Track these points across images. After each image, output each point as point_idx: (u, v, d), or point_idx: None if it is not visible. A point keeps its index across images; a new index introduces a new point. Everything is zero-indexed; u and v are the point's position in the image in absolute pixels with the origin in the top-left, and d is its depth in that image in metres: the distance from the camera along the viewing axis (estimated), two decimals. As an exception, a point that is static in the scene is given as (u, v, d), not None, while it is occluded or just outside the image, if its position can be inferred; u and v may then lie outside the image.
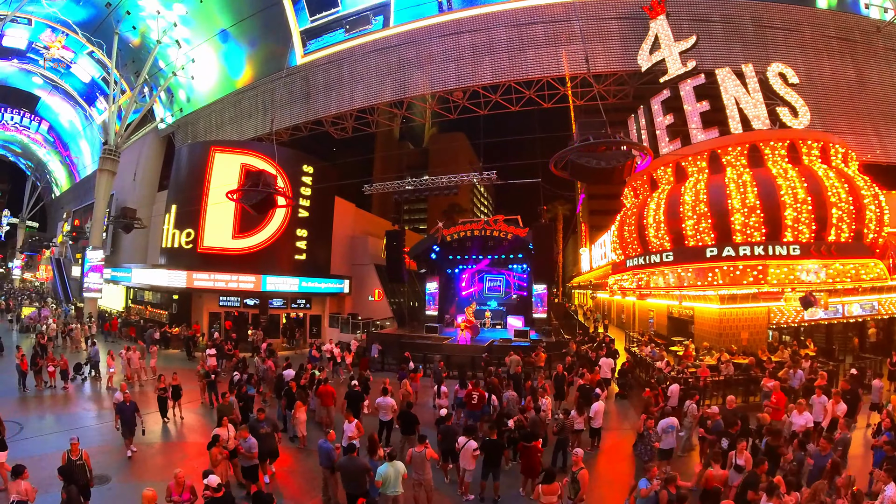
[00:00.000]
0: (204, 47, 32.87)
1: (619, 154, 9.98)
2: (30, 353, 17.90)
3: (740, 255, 17.27)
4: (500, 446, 9.86)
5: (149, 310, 33.67)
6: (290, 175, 28.62)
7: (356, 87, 28.51)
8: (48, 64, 41.48)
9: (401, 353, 20.11)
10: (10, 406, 14.80)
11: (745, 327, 20.70)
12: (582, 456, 8.44)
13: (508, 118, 27.28)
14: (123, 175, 37.25)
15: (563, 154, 10.22)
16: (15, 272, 76.62)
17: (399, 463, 8.24)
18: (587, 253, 47.51)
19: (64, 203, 62.52)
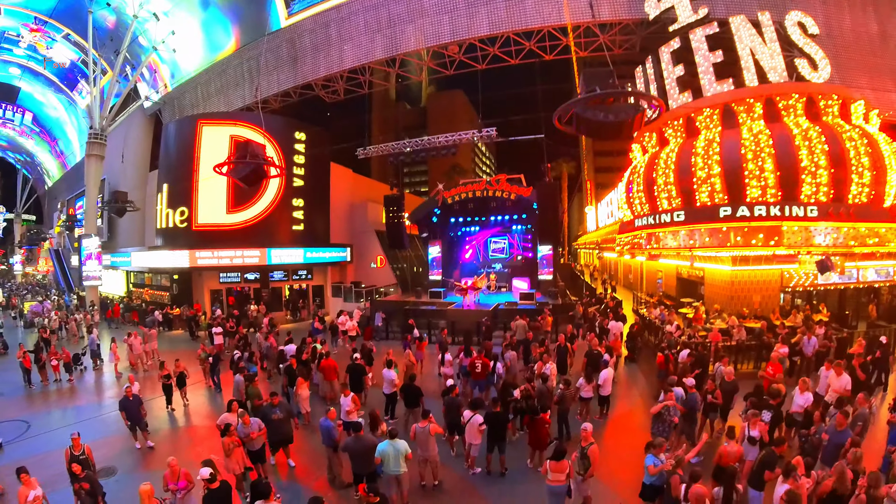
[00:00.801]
0: (183, 17, 31.41)
1: (627, 107, 9.41)
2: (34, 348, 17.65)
3: (755, 215, 16.56)
4: (504, 419, 9.44)
5: (149, 293, 33.06)
6: (281, 143, 27.81)
7: (345, 48, 27.34)
8: (24, 52, 39.94)
9: (405, 320, 19.75)
10: (17, 404, 14.80)
11: (757, 290, 19.90)
12: (591, 431, 7.91)
13: (508, 72, 26.26)
14: (113, 158, 36.05)
15: (568, 107, 9.61)
16: (16, 267, 75.93)
17: (400, 442, 7.83)
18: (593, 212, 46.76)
19: (57, 193, 61.52)
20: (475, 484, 9.07)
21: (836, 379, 10.13)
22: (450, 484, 9.04)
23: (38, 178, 73.55)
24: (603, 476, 8.57)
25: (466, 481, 9.19)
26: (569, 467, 7.39)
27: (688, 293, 24.60)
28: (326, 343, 17.30)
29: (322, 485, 9.21)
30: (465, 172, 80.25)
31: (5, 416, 13.45)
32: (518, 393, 10.52)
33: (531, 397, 10.12)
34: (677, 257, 22.64)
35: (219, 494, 6.70)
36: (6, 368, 18.78)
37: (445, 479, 9.08)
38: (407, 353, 14.54)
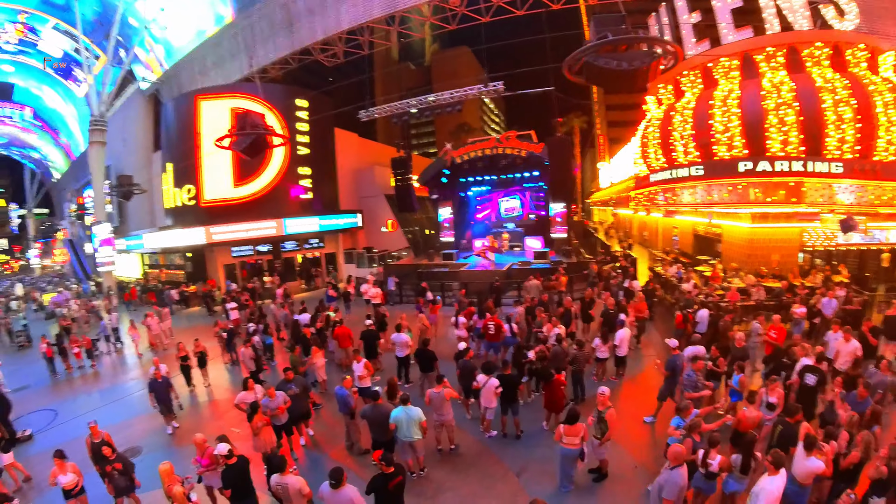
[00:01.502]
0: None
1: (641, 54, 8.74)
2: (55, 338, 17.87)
3: (776, 170, 15.96)
4: (515, 381, 9.31)
5: (165, 272, 33.16)
6: (283, 112, 27.37)
7: (342, 8, 26.28)
8: (15, 48, 39.32)
9: (418, 283, 19.51)
10: (43, 394, 14.99)
11: (776, 248, 19.23)
12: (608, 395, 7.72)
13: (514, 24, 25.03)
14: (115, 143, 35.76)
15: (578, 55, 8.95)
16: (34, 261, 77.07)
17: (414, 409, 7.75)
18: (606, 167, 45.78)
19: (65, 184, 61.61)
20: (491, 447, 9.04)
21: (845, 344, 9.73)
22: (465, 447, 9.02)
23: (44, 171, 73.68)
24: (618, 438, 8.41)
25: (482, 444, 9.17)
26: (583, 430, 7.24)
27: (704, 251, 24.06)
28: (340, 310, 17.06)
29: (340, 452, 9.24)
30: (473, 131, 78.99)
31: (33, 407, 13.63)
32: (533, 354, 10.28)
33: (546, 359, 9.89)
34: (694, 214, 22.00)
35: (237, 469, 6.70)
36: (31, 360, 19.03)
37: (461, 443, 9.07)
38: (420, 316, 14.36)
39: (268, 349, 14.82)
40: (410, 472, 7.99)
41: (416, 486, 7.81)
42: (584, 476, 7.82)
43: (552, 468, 7.78)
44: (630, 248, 30.09)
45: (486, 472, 8.28)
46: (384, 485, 6.03)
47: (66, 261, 57.55)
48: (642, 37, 9.00)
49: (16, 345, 21.94)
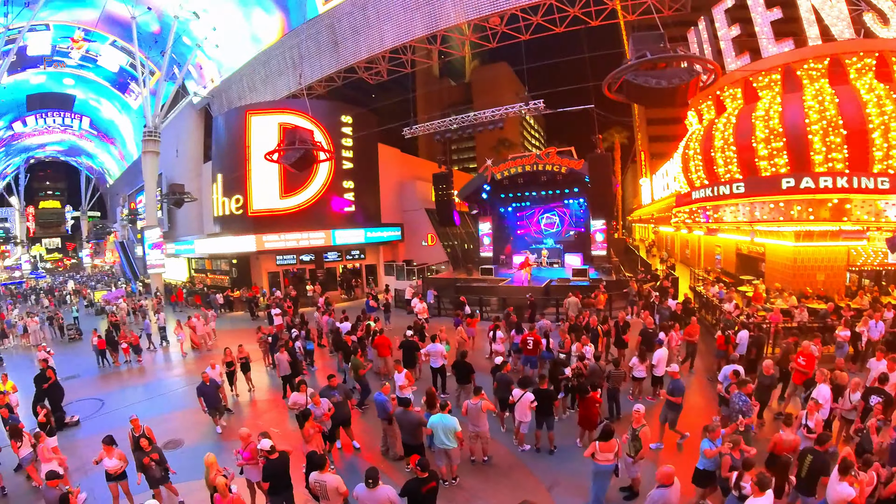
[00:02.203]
0: (223, 13, 31.99)
1: (680, 71, 8.89)
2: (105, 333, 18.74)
3: (820, 186, 15.41)
4: (551, 396, 9.33)
5: (210, 277, 34.54)
6: (328, 127, 28.26)
7: (384, 28, 27.10)
8: (76, 62, 42.10)
9: (457, 297, 19.68)
10: (92, 384, 15.80)
11: (821, 268, 18.70)
12: (643, 412, 7.69)
13: (553, 41, 25.32)
14: (168, 153, 37.83)
15: (617, 74, 9.13)
16: (85, 260, 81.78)
17: (450, 417, 7.90)
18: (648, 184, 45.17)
19: (118, 189, 64.80)
20: (524, 460, 9.11)
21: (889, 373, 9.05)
22: (499, 459, 9.11)
23: (99, 177, 78.08)
24: (653, 457, 8.38)
25: (515, 457, 9.25)
26: (617, 447, 7.24)
27: (748, 270, 23.57)
28: (380, 320, 17.49)
29: (375, 456, 9.48)
30: (513, 147, 78.88)
31: (82, 395, 14.36)
32: (569, 371, 10.38)
33: (582, 375, 9.93)
34: (737, 232, 21.59)
35: (278, 464, 6.99)
36: (81, 352, 20.17)
37: (495, 455, 9.16)
38: (458, 329, 14.62)
39: (308, 354, 15.37)
40: (443, 479, 8.08)
41: (448, 494, 7.94)
42: (615, 493, 7.80)
43: (584, 484, 7.75)
44: (673, 269, 29.49)
45: (518, 484, 8.36)
46: (417, 488, 6.19)
47: (116, 261, 60.32)
48: (680, 55, 9.04)
49: (67, 337, 23.40)
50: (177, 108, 40.33)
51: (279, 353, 12.93)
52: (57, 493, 6.87)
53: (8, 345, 23.20)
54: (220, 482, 6.42)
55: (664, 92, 8.80)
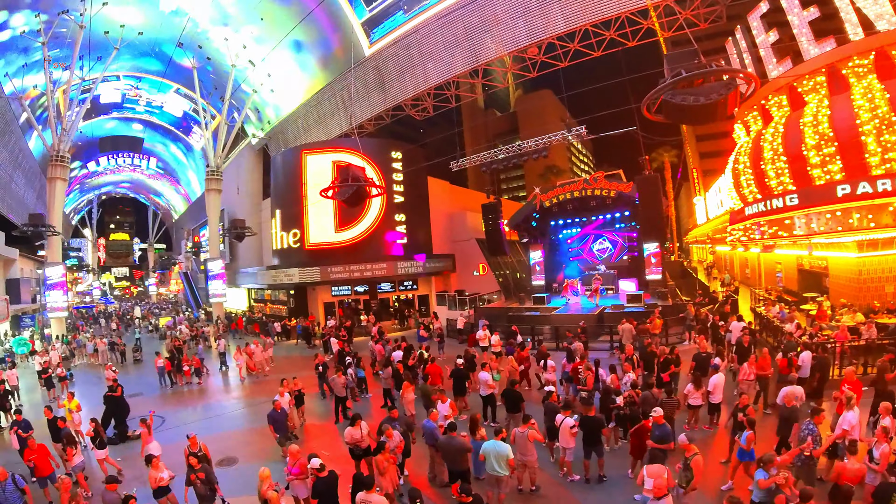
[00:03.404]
0: (277, 61, 33.92)
1: (718, 86, 8.72)
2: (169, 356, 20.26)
3: (879, 190, 14.55)
4: (598, 424, 9.08)
5: (269, 306, 36.17)
6: (379, 163, 29.25)
7: (428, 65, 28.08)
8: (143, 108, 45.82)
9: (508, 326, 19.54)
10: (153, 402, 16.56)
11: (890, 279, 17.28)
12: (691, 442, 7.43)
13: (593, 66, 25.28)
14: (229, 190, 40.14)
15: (654, 94, 9.11)
16: (151, 289, 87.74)
17: (503, 444, 7.86)
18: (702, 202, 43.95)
19: (183, 223, 68.77)
20: (572, 491, 8.89)
21: None
22: (547, 489, 8.93)
23: (165, 212, 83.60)
24: (708, 490, 8.11)
25: (563, 488, 9.03)
26: (667, 475, 6.93)
27: (811, 287, 22.21)
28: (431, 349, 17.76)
29: (422, 482, 9.47)
30: (561, 173, 78.62)
31: (144, 412, 14.94)
32: (621, 400, 10.16)
33: (635, 404, 9.75)
34: (795, 247, 20.67)
35: (327, 482, 7.25)
36: (145, 373, 21.87)
37: (543, 485, 8.98)
38: (509, 358, 14.59)
39: (360, 382, 15.83)
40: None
41: (495, 522, 7.96)
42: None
43: (633, 515, 7.60)
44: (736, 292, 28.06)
45: (566, 514, 8.20)
46: (461, 513, 6.28)
47: (181, 290, 63.63)
48: (715, 69, 8.90)
49: (133, 358, 25.19)
50: (237, 149, 42.70)
51: (335, 376, 13.54)
52: (117, 497, 7.46)
53: (77, 363, 25.31)
54: (271, 496, 6.80)
55: (704, 108, 8.71)
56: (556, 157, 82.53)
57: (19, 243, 33.98)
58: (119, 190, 79.57)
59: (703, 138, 56.82)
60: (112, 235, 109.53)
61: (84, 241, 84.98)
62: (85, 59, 30.89)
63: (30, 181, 39.87)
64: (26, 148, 36.80)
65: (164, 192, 73.25)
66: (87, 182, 64.15)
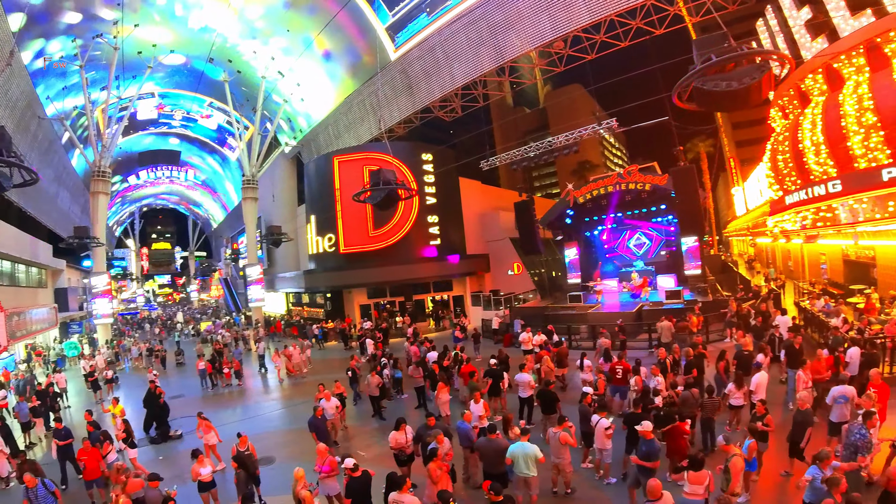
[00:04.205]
0: (304, 70, 34.68)
1: (750, 69, 8.32)
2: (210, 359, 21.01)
3: None
4: (638, 420, 8.76)
5: (306, 310, 37.03)
6: (410, 166, 29.40)
7: (454, 66, 28.02)
8: (179, 123, 47.68)
9: (544, 326, 19.26)
10: (196, 403, 17.19)
11: None
12: (731, 443, 7.12)
13: (621, 57, 24.53)
14: (265, 198, 41.21)
15: (685, 82, 8.78)
16: (193, 295, 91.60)
17: (530, 445, 7.76)
18: (740, 193, 42.66)
19: (222, 232, 70.98)
20: (607, 493, 8.64)
21: None
22: (582, 492, 8.67)
23: (204, 221, 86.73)
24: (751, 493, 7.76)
25: (599, 491, 8.79)
26: (708, 479, 6.73)
27: (858, 278, 21.04)
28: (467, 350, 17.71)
29: (457, 484, 9.23)
30: (594, 168, 77.06)
31: (186, 413, 15.78)
32: (660, 400, 9.83)
33: (674, 404, 9.38)
34: (839, 236, 19.73)
35: (360, 482, 7.36)
36: (187, 375, 22.72)
37: (579, 488, 8.74)
38: (545, 358, 14.35)
39: (396, 383, 16.00)
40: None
41: (527, 524, 7.81)
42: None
43: (672, 518, 7.38)
44: (782, 287, 26.51)
45: (600, 517, 7.96)
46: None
47: (221, 296, 65.56)
48: (746, 52, 8.50)
49: (176, 362, 26.02)
50: (271, 158, 43.77)
51: (370, 376, 13.86)
52: (159, 494, 7.77)
53: (122, 367, 26.59)
54: (304, 495, 6.94)
55: (737, 93, 8.36)
56: (588, 153, 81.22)
57: (66, 255, 36.21)
58: (159, 202, 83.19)
59: (739, 126, 55.17)
60: (154, 245, 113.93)
61: (128, 251, 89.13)
62: (120, 78, 32.34)
63: (74, 196, 42.28)
64: (70, 165, 39.21)
65: (203, 202, 75.66)
66: (128, 195, 67.13)
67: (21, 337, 23.72)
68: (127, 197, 67.62)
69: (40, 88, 28.51)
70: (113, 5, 26.54)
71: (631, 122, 24.43)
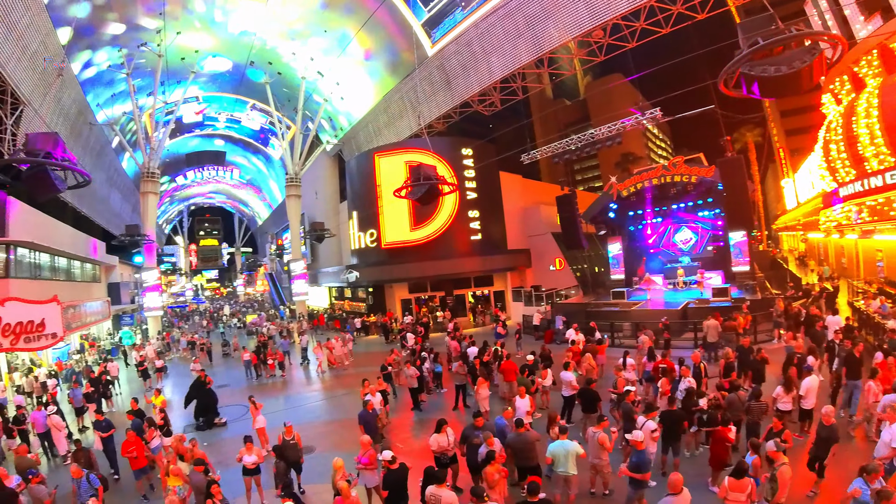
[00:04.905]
0: (343, 69, 35.18)
1: (800, 52, 7.91)
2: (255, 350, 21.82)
3: None
4: (679, 417, 8.65)
5: (348, 304, 37.79)
6: (450, 161, 29.48)
7: (492, 60, 27.82)
8: (224, 125, 49.48)
9: (587, 323, 19.00)
10: (239, 393, 17.99)
11: None
12: (778, 450, 6.76)
13: (663, 44, 23.58)
14: (308, 195, 42.33)
15: (731, 67, 8.43)
16: (239, 289, 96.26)
17: (571, 442, 7.67)
18: (790, 185, 40.96)
19: (266, 228, 73.34)
20: (648, 497, 8.05)
21: None
22: (621, 494, 8.22)
23: (250, 218, 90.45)
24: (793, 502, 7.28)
25: None
26: (751, 487, 6.44)
27: None
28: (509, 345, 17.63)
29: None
30: (638, 160, 75.11)
31: (231, 402, 16.55)
32: (705, 402, 9.37)
33: (720, 407, 8.91)
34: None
35: (397, 474, 7.41)
36: (232, 366, 23.60)
37: (617, 489, 8.40)
38: (586, 357, 14.10)
39: (437, 377, 16.14)
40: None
41: (565, 524, 7.65)
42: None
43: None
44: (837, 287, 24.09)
45: (640, 521, 7.70)
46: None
47: (266, 290, 67.71)
48: (795, 33, 8.10)
49: (223, 353, 27.02)
50: (313, 156, 44.76)
51: (408, 369, 14.01)
52: (203, 479, 7.93)
53: (171, 356, 27.94)
54: (342, 485, 7.00)
55: (786, 78, 7.94)
56: (631, 144, 79.25)
57: (118, 251, 38.36)
58: (206, 200, 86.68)
59: (789, 113, 52.59)
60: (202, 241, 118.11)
61: (177, 247, 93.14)
62: (166, 84, 33.74)
63: (125, 197, 44.73)
64: (120, 168, 41.52)
65: (248, 200, 78.23)
66: (176, 194, 70.17)
67: (76, 328, 25.15)
68: (175, 196, 70.65)
69: (90, 96, 30.01)
70: (155, 14, 27.65)
71: (675, 111, 23.63)
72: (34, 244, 22.05)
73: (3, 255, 19.45)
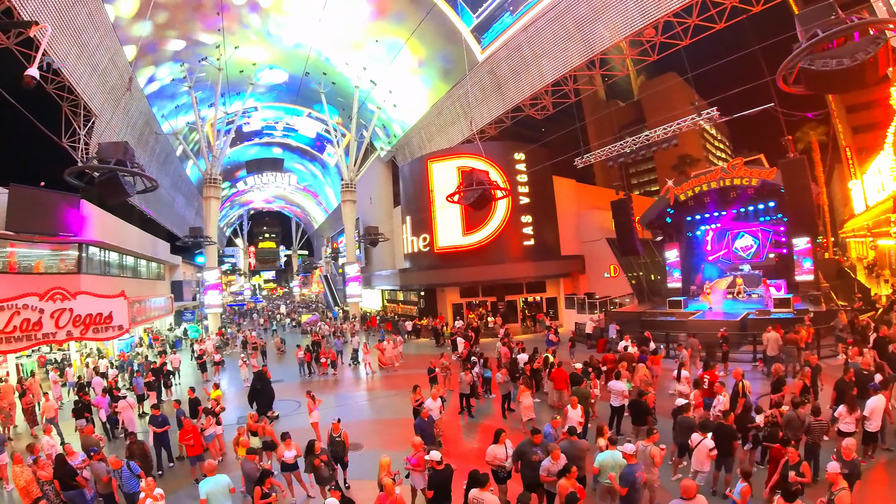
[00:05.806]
0: (395, 78, 35.79)
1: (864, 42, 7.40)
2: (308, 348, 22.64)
3: None
4: (731, 433, 8.33)
5: (400, 306, 38.65)
6: (502, 166, 29.63)
7: (542, 63, 27.52)
8: (281, 133, 51.82)
9: (641, 332, 18.68)
10: (292, 389, 18.98)
11: None
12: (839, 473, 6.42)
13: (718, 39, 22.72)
14: (362, 200, 43.59)
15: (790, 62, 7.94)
16: (295, 290, 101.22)
17: (619, 454, 7.54)
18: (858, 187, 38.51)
19: (322, 232, 75.78)
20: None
21: None
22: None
23: (306, 222, 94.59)
24: None
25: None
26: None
27: None
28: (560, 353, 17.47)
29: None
30: (696, 162, 72.72)
31: (284, 397, 17.22)
32: (762, 419, 8.97)
33: (777, 425, 8.56)
34: None
35: (443, 475, 7.55)
36: (287, 363, 24.42)
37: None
38: (639, 366, 13.82)
39: (486, 382, 16.14)
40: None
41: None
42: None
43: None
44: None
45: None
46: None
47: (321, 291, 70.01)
48: (857, 23, 7.51)
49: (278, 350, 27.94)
50: (368, 162, 45.96)
51: (462, 374, 14.16)
52: (254, 467, 8.42)
53: (230, 351, 29.35)
54: (386, 482, 7.12)
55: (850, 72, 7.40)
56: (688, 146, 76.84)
57: (182, 252, 41.47)
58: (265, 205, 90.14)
59: (855, 109, 48.94)
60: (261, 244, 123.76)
61: (237, 249, 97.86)
62: (226, 95, 35.60)
63: (189, 201, 47.60)
64: (184, 174, 44.25)
65: (305, 204, 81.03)
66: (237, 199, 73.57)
67: (141, 321, 27.27)
68: (236, 201, 74.00)
69: (155, 108, 32.13)
70: (213, 30, 29.15)
71: (733, 110, 22.60)
72: (104, 243, 23.80)
73: (76, 252, 21.27)
